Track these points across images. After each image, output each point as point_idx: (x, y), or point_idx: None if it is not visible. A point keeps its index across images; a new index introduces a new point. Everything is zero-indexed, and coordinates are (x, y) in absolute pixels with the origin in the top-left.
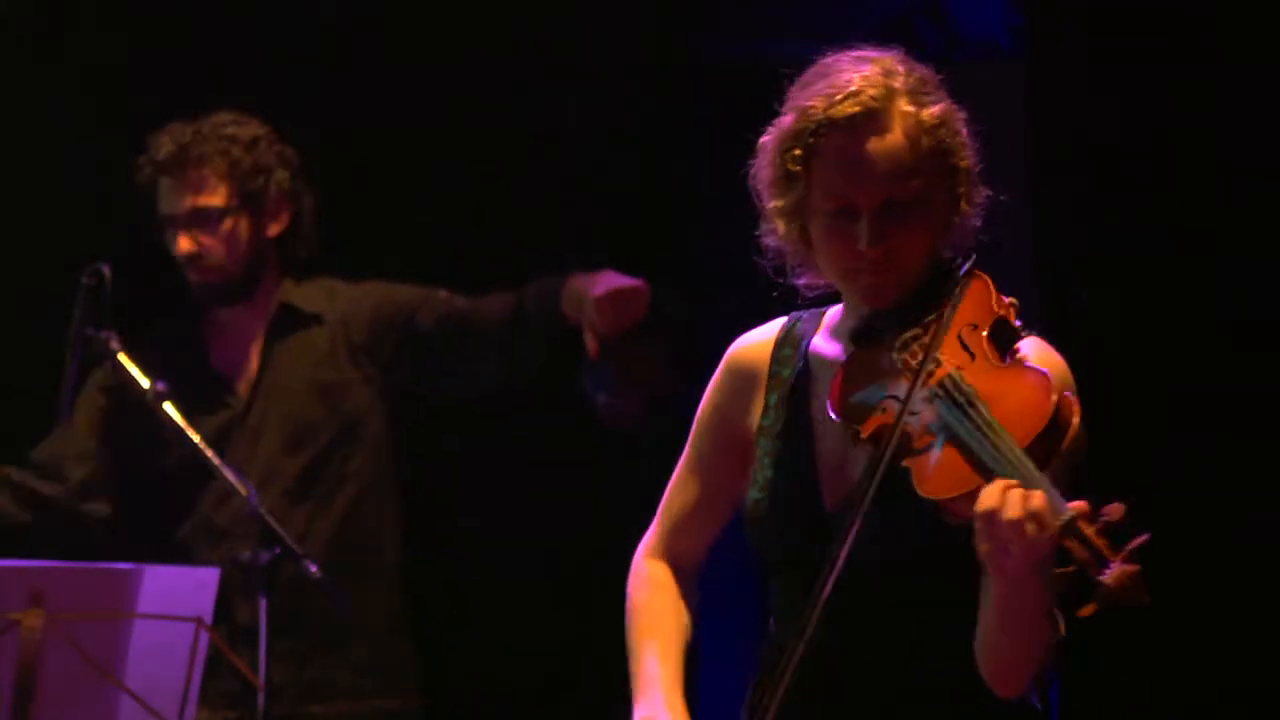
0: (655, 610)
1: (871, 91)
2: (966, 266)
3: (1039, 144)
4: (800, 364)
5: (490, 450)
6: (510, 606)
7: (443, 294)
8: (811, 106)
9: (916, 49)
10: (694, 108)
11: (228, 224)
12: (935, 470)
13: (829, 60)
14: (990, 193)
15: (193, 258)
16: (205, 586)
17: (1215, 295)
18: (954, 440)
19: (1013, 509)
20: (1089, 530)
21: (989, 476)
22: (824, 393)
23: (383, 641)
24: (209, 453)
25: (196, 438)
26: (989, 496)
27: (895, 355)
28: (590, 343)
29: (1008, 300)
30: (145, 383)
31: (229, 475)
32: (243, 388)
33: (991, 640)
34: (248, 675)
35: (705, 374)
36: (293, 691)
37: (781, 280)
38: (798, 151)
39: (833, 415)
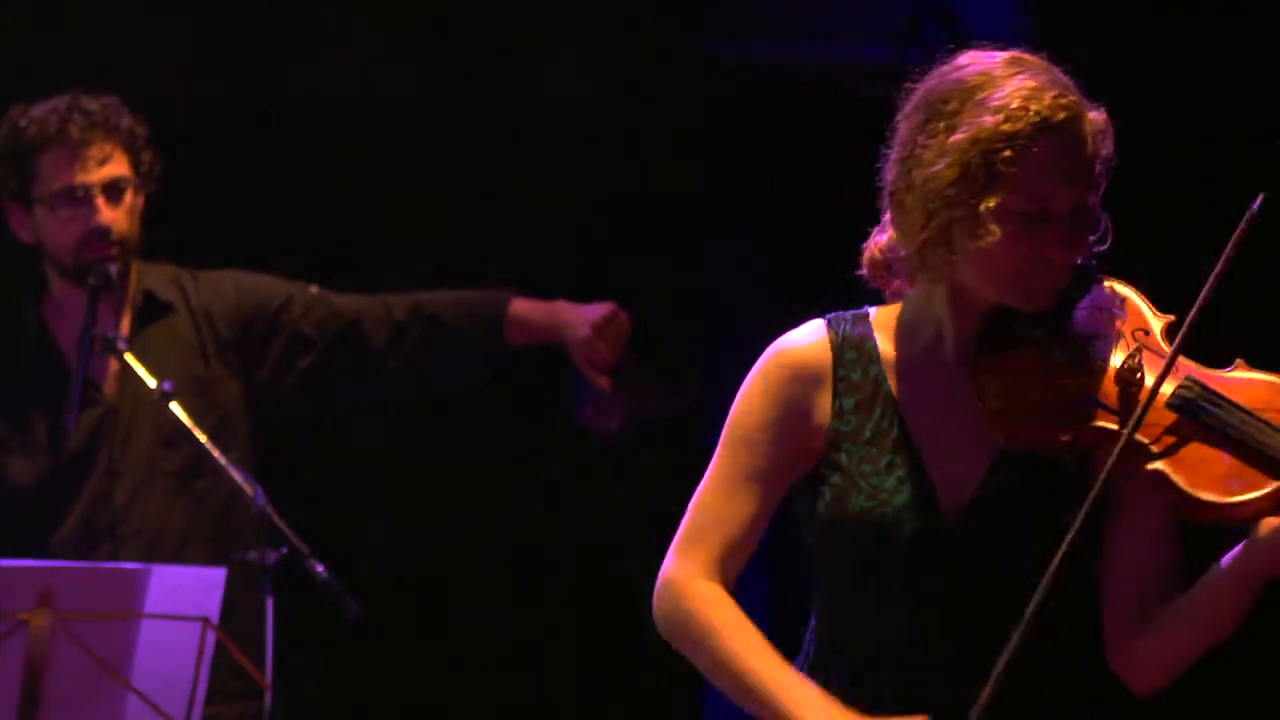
0: (736, 620)
1: (1073, 96)
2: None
3: None
4: (874, 367)
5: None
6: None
7: (313, 290)
8: (1020, 109)
9: (923, 49)
10: (701, 109)
11: (130, 196)
12: (1216, 474)
13: (981, 61)
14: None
15: (104, 229)
16: (212, 586)
17: (1223, 294)
18: (1231, 443)
19: None
20: None
21: None
22: (917, 394)
23: (255, 641)
24: (215, 452)
25: (203, 438)
26: None
27: (1074, 360)
28: (598, 378)
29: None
30: (152, 383)
31: (235, 475)
32: (108, 381)
33: (1185, 628)
34: (255, 675)
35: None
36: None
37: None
38: (1009, 153)
39: (996, 420)
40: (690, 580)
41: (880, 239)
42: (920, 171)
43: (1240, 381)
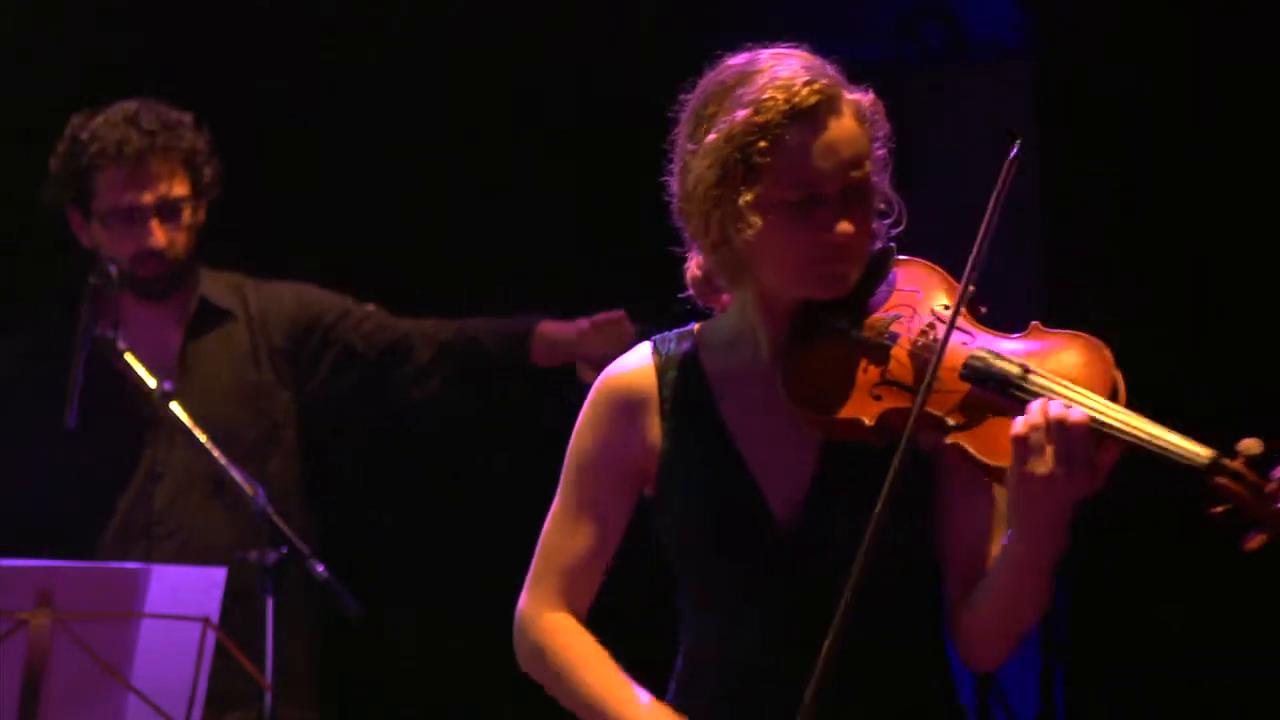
0: (582, 646)
1: (825, 80)
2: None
3: (1047, 143)
4: (697, 383)
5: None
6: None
7: (369, 307)
8: (770, 99)
9: (924, 49)
10: None
11: (187, 214)
12: (1009, 441)
13: (740, 61)
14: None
15: (158, 251)
16: (212, 586)
17: (1222, 292)
18: (1022, 407)
19: (1043, 414)
20: (1237, 465)
21: None
22: (741, 405)
23: (284, 650)
24: (216, 452)
25: (203, 437)
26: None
27: (870, 343)
28: (587, 374)
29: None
30: (152, 382)
31: (236, 476)
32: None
33: (996, 598)
34: (255, 676)
35: None
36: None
37: (698, 304)
38: (763, 144)
39: (803, 414)
40: (538, 614)
41: (698, 257)
42: (690, 178)
43: (1033, 344)
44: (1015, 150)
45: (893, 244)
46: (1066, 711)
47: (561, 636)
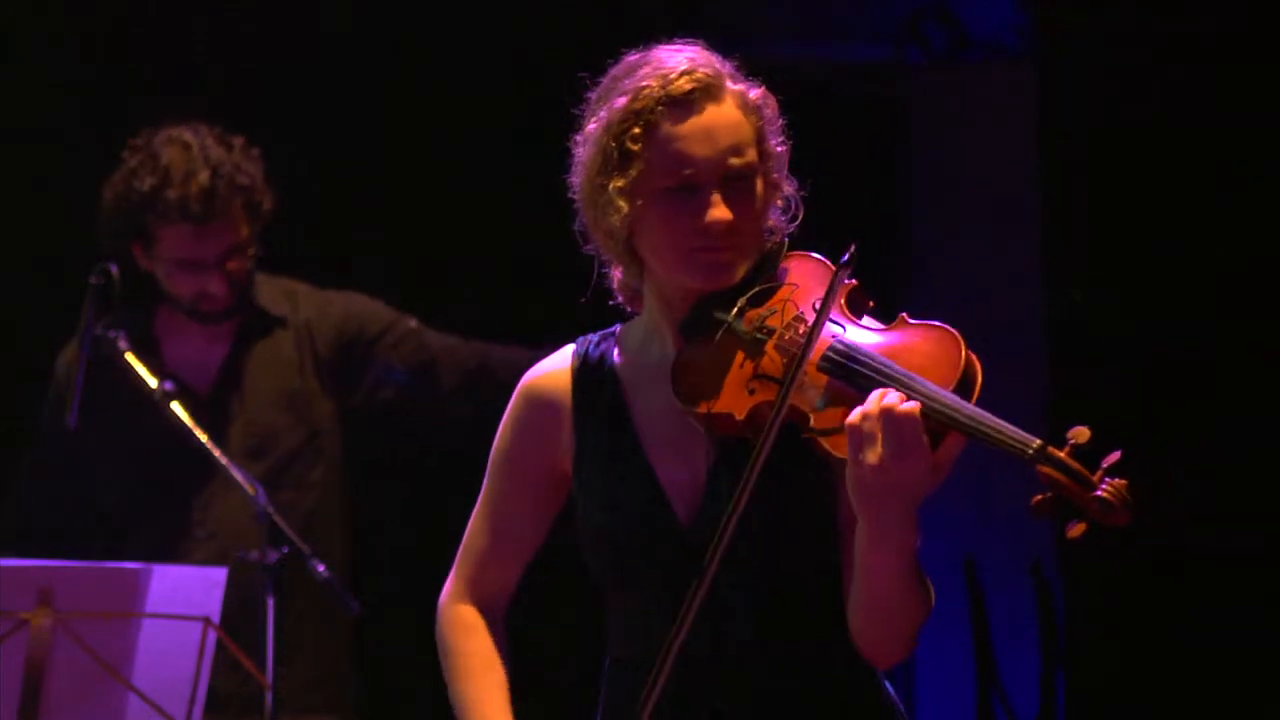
0: (475, 653)
1: (705, 69)
2: (847, 255)
3: (1047, 143)
4: (609, 384)
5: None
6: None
7: (412, 324)
8: (646, 86)
9: (925, 50)
10: None
11: (250, 251)
12: None
13: (634, 57)
14: (796, 187)
15: (219, 296)
16: (213, 586)
17: (1221, 295)
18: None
19: (876, 404)
20: (1061, 454)
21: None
22: (649, 405)
23: (330, 658)
24: (216, 452)
25: (204, 437)
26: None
27: (747, 337)
28: None
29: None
30: (153, 382)
31: (236, 474)
32: (202, 388)
33: (864, 596)
34: (256, 675)
35: None
36: (236, 704)
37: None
38: (637, 130)
39: (686, 409)
40: (450, 606)
41: None
42: (578, 168)
43: (894, 335)
44: (847, 256)
45: (784, 239)
46: (1067, 711)
47: (462, 638)
